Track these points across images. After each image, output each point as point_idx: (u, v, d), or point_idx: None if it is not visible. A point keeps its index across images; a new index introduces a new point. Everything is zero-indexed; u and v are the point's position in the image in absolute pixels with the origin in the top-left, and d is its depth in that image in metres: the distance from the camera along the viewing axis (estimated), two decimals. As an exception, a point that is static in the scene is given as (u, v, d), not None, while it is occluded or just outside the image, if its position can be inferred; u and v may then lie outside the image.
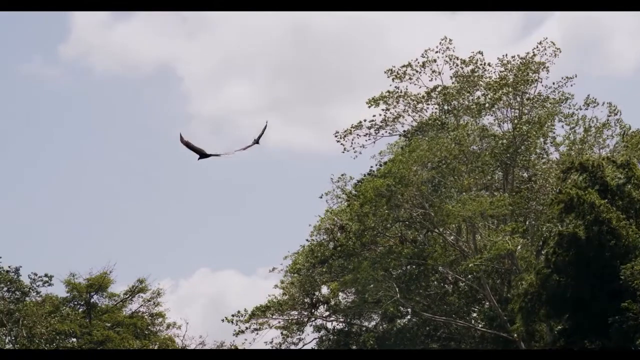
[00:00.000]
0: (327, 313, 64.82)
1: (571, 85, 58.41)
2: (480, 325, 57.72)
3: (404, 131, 60.28)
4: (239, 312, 62.36)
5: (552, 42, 57.96)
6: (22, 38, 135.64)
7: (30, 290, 65.76)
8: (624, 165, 45.23)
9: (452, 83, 58.88)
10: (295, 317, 63.53)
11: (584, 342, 44.65)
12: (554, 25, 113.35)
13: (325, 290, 63.90)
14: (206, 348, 69.63)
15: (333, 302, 63.78)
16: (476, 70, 58.62)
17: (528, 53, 57.71)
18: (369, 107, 59.59)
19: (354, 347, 62.98)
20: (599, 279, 43.54)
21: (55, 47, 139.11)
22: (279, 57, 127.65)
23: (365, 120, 59.59)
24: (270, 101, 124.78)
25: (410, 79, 59.38)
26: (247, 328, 62.23)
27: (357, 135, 59.58)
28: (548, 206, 54.44)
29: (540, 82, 57.77)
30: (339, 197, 63.96)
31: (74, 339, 68.65)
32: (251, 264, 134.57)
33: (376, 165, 62.45)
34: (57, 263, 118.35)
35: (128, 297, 71.82)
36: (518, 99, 57.58)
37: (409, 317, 63.15)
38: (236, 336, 62.34)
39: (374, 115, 59.53)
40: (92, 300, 71.51)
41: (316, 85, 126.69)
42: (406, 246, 57.60)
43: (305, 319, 63.74)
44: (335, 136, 59.88)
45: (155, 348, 70.20)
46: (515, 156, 57.05)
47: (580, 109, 58.59)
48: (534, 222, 57.07)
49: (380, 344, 60.08)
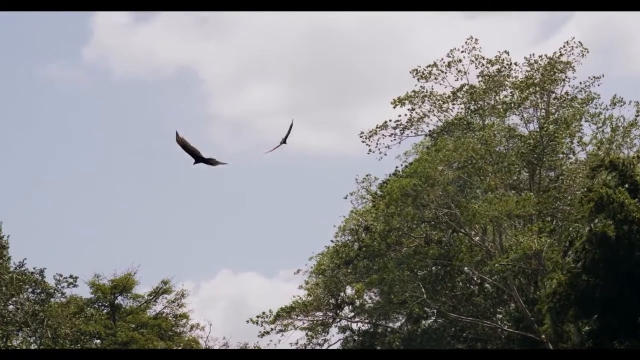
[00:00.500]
0: (352, 314, 64.67)
1: (598, 85, 58.15)
2: (506, 326, 57.36)
3: (430, 131, 60.02)
4: (263, 313, 62.20)
5: (579, 42, 57.66)
6: (45, 41, 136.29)
7: (55, 292, 65.81)
8: (654, 164, 44.95)
9: (479, 82, 58.60)
10: (320, 318, 63.34)
11: (613, 342, 44.32)
12: (574, 27, 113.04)
13: (350, 291, 63.73)
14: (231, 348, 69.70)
15: (358, 303, 63.58)
16: (502, 69, 58.32)
17: (555, 53, 57.40)
18: (394, 107, 59.31)
19: (379, 347, 62.79)
20: (629, 278, 43.21)
21: (77, 49, 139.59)
22: (299, 59, 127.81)
23: (390, 121, 59.36)
24: (290, 103, 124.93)
25: (435, 78, 59.11)
26: (272, 329, 62.07)
27: (383, 135, 59.35)
28: (576, 206, 54.22)
29: (568, 81, 57.46)
30: (364, 198, 63.83)
31: (98, 340, 68.77)
32: (273, 266, 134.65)
33: (401, 165, 62.43)
34: (82, 264, 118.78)
35: (152, 299, 71.95)
36: (545, 99, 57.22)
37: (433, 318, 62.92)
38: (261, 337, 62.15)
39: (399, 115, 59.35)
40: (116, 301, 71.69)
41: (336, 87, 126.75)
42: (431, 247, 57.36)
43: (330, 320, 63.56)
44: (360, 136, 59.61)
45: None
46: (542, 156, 56.72)
47: (607, 108, 58.30)
48: (560, 222, 56.71)
49: (406, 344, 59.82)
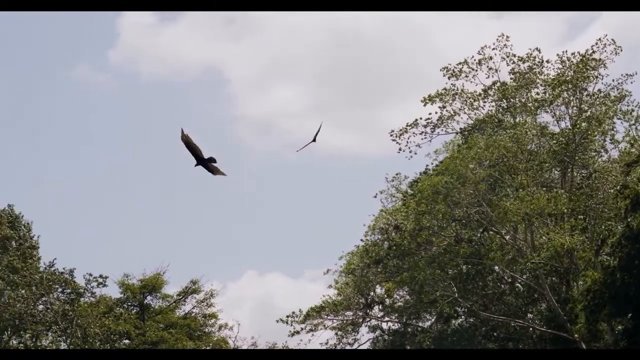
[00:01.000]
0: (382, 314, 64.41)
1: (631, 83, 57.65)
2: (538, 325, 56.93)
3: (460, 129, 59.70)
4: (293, 313, 62.14)
5: (612, 39, 57.13)
6: (72, 43, 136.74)
7: (85, 291, 65.91)
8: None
9: (510, 80, 58.21)
10: (350, 318, 63.15)
11: (648, 342, 43.87)
12: (600, 27, 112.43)
13: (379, 290, 63.51)
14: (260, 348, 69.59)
15: (388, 302, 63.33)
16: (534, 67, 57.90)
17: (587, 50, 56.94)
18: (424, 105, 58.94)
19: (409, 347, 62.49)
20: (665, 276, 42.78)
21: (104, 52, 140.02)
22: (324, 60, 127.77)
23: (420, 118, 59.06)
24: (315, 103, 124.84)
25: (466, 76, 58.75)
26: (302, 329, 61.93)
27: (413, 133, 59.01)
28: (609, 203, 53.81)
29: (601, 79, 56.95)
30: (394, 197, 63.56)
31: (127, 341, 68.77)
32: (298, 267, 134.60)
33: (432, 163, 62.13)
34: (111, 264, 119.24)
35: (181, 298, 71.91)
36: (577, 96, 56.74)
37: (464, 317, 62.57)
38: (291, 337, 62.03)
39: (429, 113, 59.03)
40: (145, 301, 71.67)
41: (360, 87, 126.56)
42: (462, 246, 57.04)
43: (360, 320, 63.35)
44: (391, 135, 59.27)
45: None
46: (575, 154, 56.29)
47: (639, 105, 57.76)
48: (592, 220, 56.25)
49: (436, 344, 59.48)
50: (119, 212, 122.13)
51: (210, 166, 26.62)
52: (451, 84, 58.78)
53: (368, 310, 63.35)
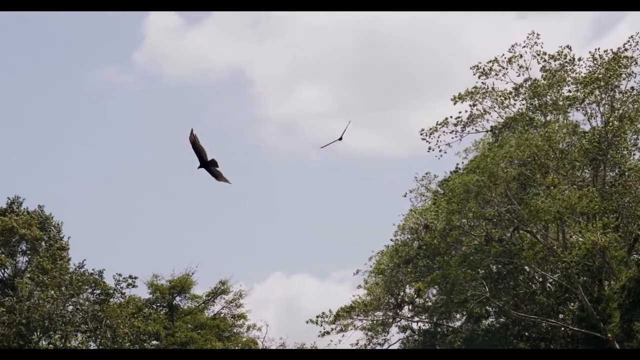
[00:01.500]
0: (411, 314, 64.09)
1: (663, 80, 57.16)
2: (570, 325, 56.47)
3: (491, 127, 59.38)
4: (323, 313, 61.90)
5: (646, 36, 56.64)
6: (97, 45, 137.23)
7: (115, 292, 65.89)
8: None
9: (542, 77, 57.86)
10: (380, 318, 62.88)
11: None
12: (626, 26, 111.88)
13: (409, 290, 63.20)
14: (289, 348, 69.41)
15: (418, 302, 63.01)
16: (565, 65, 57.52)
17: (620, 48, 56.51)
18: (454, 103, 58.76)
19: (439, 347, 62.12)
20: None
21: (129, 53, 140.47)
22: (348, 60, 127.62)
23: (451, 117, 58.85)
24: (340, 104, 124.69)
25: (496, 74, 58.49)
26: (332, 329, 61.69)
27: (443, 132, 58.80)
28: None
29: (634, 77, 56.51)
30: (423, 196, 63.32)
31: (156, 342, 68.73)
32: (325, 268, 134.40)
33: (462, 162, 61.81)
34: (140, 266, 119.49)
35: (210, 299, 71.82)
36: (609, 94, 56.30)
37: (493, 317, 62.15)
38: (322, 337, 61.77)
39: (459, 112, 58.85)
40: (174, 302, 71.63)
41: (385, 88, 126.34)
42: (492, 245, 56.70)
43: (390, 320, 63.08)
44: (421, 134, 59.09)
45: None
46: (607, 152, 55.85)
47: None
48: (625, 219, 55.80)
49: (467, 344, 59.09)
50: (147, 213, 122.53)
51: (213, 171, 26.30)
52: (481, 82, 58.59)
53: (398, 310, 63.07)
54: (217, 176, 26.39)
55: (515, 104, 58.51)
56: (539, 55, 57.95)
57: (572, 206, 53.02)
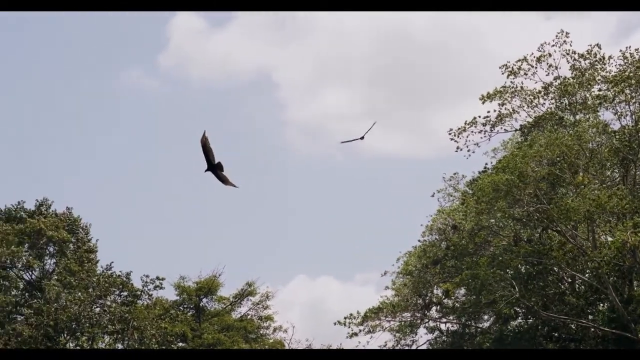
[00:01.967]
0: (439, 315, 63.79)
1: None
2: (600, 325, 56.05)
3: (520, 126, 59.13)
4: (351, 314, 61.68)
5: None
6: (123, 48, 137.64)
7: (142, 293, 65.89)
8: None
9: (572, 76, 57.57)
10: (408, 319, 62.64)
11: None
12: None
13: (438, 291, 62.95)
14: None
15: (447, 303, 62.76)
16: (595, 63, 57.22)
17: (650, 46, 56.19)
18: (482, 102, 58.59)
19: (467, 348, 61.81)
20: None
21: (154, 57, 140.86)
22: (373, 63, 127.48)
23: (479, 117, 58.64)
24: (366, 106, 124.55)
25: (525, 74, 58.25)
26: (360, 330, 61.47)
27: (472, 132, 58.56)
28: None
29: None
30: (451, 196, 63.09)
31: (182, 343, 68.71)
32: (349, 271, 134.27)
33: (490, 162, 61.52)
34: (167, 268, 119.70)
35: (237, 301, 71.78)
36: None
37: (521, 317, 61.76)
38: (350, 338, 61.52)
39: (487, 112, 58.61)
40: (201, 303, 71.61)
41: (411, 90, 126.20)
42: (521, 246, 56.38)
43: (418, 321, 62.82)
44: (449, 134, 58.93)
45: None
46: (638, 152, 55.46)
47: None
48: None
49: (496, 345, 58.74)
50: (174, 215, 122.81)
51: (220, 175, 26.21)
52: (510, 82, 58.33)
53: (426, 312, 62.82)
54: (224, 180, 26.30)
55: (544, 103, 58.33)
56: (568, 54, 57.70)
57: (602, 205, 52.64)
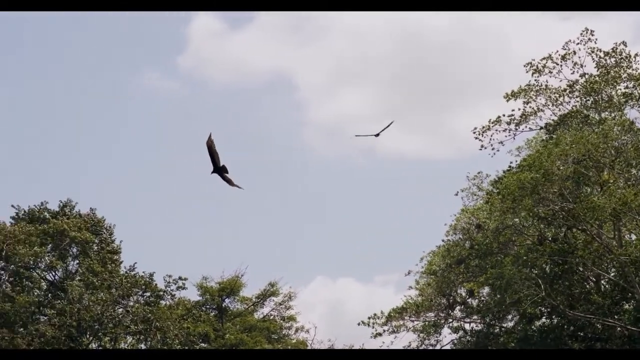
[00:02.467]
0: (463, 315, 63.47)
1: None
2: (627, 324, 55.64)
3: (545, 124, 58.83)
4: (375, 314, 61.49)
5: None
6: (142, 49, 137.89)
7: (165, 294, 65.86)
8: None
9: (598, 73, 57.24)
10: (432, 319, 62.37)
11: None
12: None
13: (462, 290, 62.66)
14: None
15: (471, 303, 62.46)
16: (620, 61, 56.87)
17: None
18: (507, 101, 58.37)
19: (491, 348, 61.44)
20: None
21: (173, 58, 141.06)
22: (392, 63, 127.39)
23: (504, 115, 58.40)
24: (385, 107, 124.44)
25: (550, 72, 57.97)
26: (384, 331, 61.25)
27: (496, 130, 58.36)
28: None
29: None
30: (475, 195, 62.81)
31: (204, 344, 68.62)
32: (368, 272, 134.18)
33: (515, 160, 61.20)
34: (189, 268, 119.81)
35: (260, 301, 71.66)
36: (666, 90, 55.67)
37: (545, 317, 61.37)
38: (374, 338, 61.29)
39: (512, 110, 58.38)
40: (223, 304, 71.52)
41: (430, 91, 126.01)
42: (546, 245, 56.04)
43: (442, 321, 62.54)
44: (473, 132, 58.72)
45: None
46: (664, 149, 55.12)
47: None
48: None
49: (521, 345, 58.36)
50: (197, 216, 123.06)
51: (225, 177, 26.38)
52: (534, 80, 58.07)
53: (450, 311, 62.54)
54: (229, 182, 26.46)
55: (569, 101, 58.01)
56: (593, 52, 57.37)
57: (627, 203, 52.30)
